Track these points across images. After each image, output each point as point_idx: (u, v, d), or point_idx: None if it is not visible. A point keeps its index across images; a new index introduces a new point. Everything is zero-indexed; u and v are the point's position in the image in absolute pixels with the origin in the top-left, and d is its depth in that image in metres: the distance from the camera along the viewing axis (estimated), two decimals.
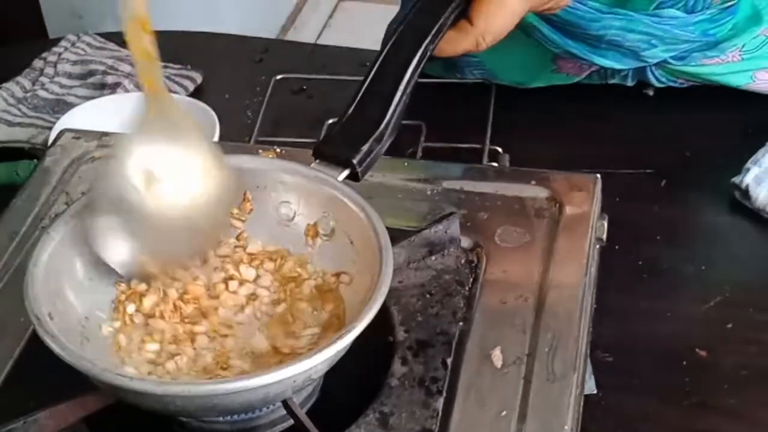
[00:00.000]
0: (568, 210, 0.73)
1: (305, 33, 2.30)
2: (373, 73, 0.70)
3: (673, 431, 0.75)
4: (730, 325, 0.80)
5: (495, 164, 0.90)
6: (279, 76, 1.04)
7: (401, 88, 0.69)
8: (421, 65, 0.70)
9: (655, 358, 0.79)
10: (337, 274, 0.65)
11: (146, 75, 0.60)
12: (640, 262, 0.85)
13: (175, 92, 1.04)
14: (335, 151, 0.67)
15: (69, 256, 0.63)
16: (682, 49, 0.91)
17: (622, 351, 0.79)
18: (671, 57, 0.92)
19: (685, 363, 0.78)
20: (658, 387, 0.77)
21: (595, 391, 0.75)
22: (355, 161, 0.66)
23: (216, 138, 0.93)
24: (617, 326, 0.79)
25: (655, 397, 0.76)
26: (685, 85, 0.98)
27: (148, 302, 0.64)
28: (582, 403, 0.65)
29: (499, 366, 0.64)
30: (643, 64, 0.93)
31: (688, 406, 0.76)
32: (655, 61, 0.92)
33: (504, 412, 0.61)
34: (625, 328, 0.80)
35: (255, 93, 1.05)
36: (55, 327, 0.58)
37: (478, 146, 0.93)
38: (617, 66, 0.92)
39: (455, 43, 0.74)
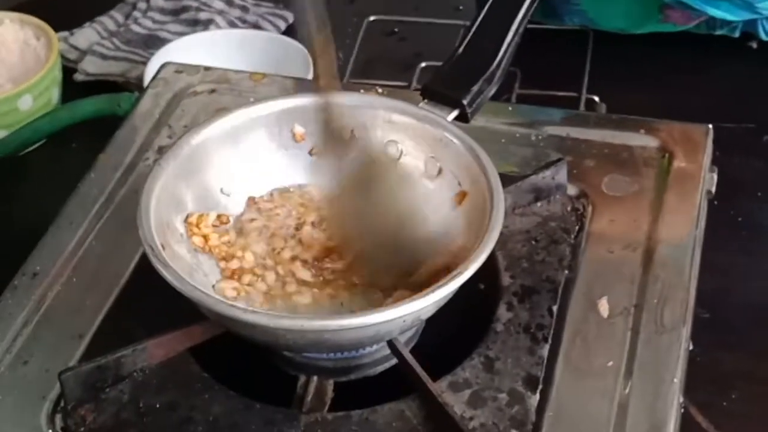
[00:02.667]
0: (679, 161, 0.71)
1: None
2: (484, 12, 0.68)
3: None
4: None
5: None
6: (372, 18, 1.03)
7: (513, 27, 0.67)
8: (534, 4, 0.68)
9: (753, 316, 0.77)
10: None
11: None
12: (739, 218, 0.83)
13: (267, 30, 1.03)
14: (445, 90, 0.66)
15: (179, 188, 0.63)
16: None
17: (719, 307, 0.77)
18: None
19: None
20: (755, 344, 0.75)
21: (691, 348, 0.74)
22: (465, 102, 0.65)
23: (310, 77, 0.93)
24: (714, 282, 0.77)
25: (752, 355, 0.75)
26: None
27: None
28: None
29: (605, 316, 0.63)
30: (756, 16, 0.90)
31: None
32: None
33: (611, 363, 0.60)
34: (723, 285, 0.78)
35: (346, 34, 1.04)
36: (167, 257, 0.58)
37: (574, 95, 0.91)
38: (729, 17, 0.89)
39: None
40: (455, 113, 0.65)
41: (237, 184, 0.65)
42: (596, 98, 0.91)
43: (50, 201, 0.74)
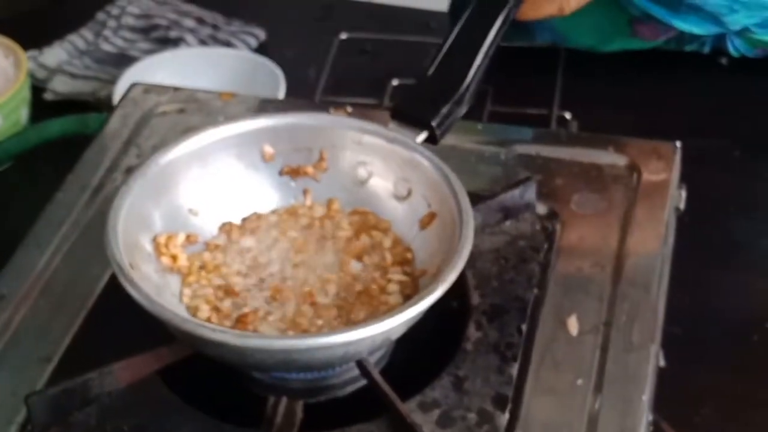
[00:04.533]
0: (647, 178, 0.71)
1: None
2: (454, 34, 0.69)
3: (742, 406, 0.74)
4: None
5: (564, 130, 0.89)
6: (343, 36, 1.03)
7: (483, 50, 0.67)
8: (504, 28, 0.68)
9: (725, 331, 0.78)
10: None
11: None
12: (711, 234, 0.84)
13: (238, 48, 1.03)
14: (413, 112, 0.66)
15: (147, 208, 0.62)
16: (765, 17, 0.88)
17: (692, 324, 0.77)
18: (753, 24, 0.90)
19: (756, 338, 0.77)
20: (727, 360, 0.76)
21: (663, 364, 0.74)
22: (434, 124, 0.65)
23: (282, 95, 0.93)
24: (688, 299, 0.77)
25: (724, 371, 0.75)
26: (760, 56, 0.96)
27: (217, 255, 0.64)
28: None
29: (575, 334, 0.63)
30: (723, 31, 0.91)
31: (759, 381, 0.75)
32: (737, 27, 0.90)
33: (580, 381, 0.60)
34: (696, 301, 0.79)
35: (317, 51, 1.04)
36: (135, 277, 0.57)
37: (546, 112, 0.92)
38: (697, 31, 0.90)
39: (538, 7, 0.73)
40: (424, 135, 0.65)
41: (205, 205, 0.65)
42: (568, 115, 0.92)
43: (18, 222, 0.74)
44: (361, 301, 0.61)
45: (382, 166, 0.66)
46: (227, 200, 0.66)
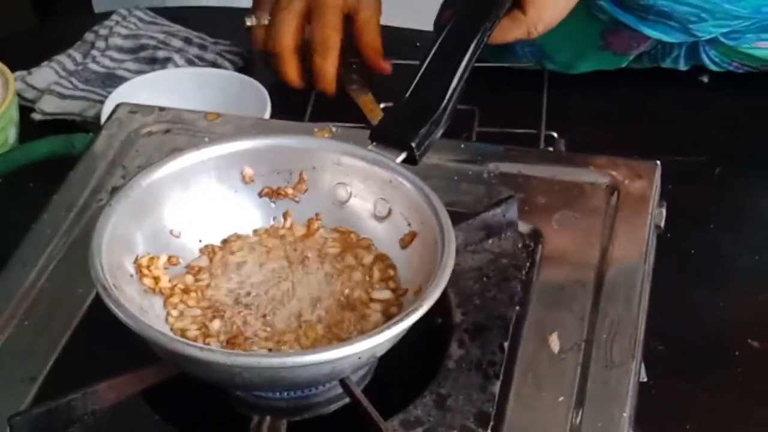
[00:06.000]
0: (627, 196, 0.72)
1: None
2: (430, 56, 0.70)
3: (725, 422, 0.74)
4: None
5: (551, 149, 0.89)
6: None
7: (459, 71, 0.68)
8: (479, 49, 0.70)
9: (707, 348, 0.79)
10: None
11: None
12: (692, 251, 0.84)
13: (224, 68, 1.04)
14: (393, 133, 0.67)
15: (130, 229, 0.63)
16: (733, 26, 0.89)
17: (673, 340, 0.78)
18: (722, 35, 0.90)
19: (737, 353, 0.78)
20: (709, 377, 0.76)
21: (645, 380, 0.75)
22: (413, 144, 0.66)
23: (267, 115, 0.93)
24: (669, 314, 0.78)
25: (706, 387, 0.76)
26: (740, 70, 0.97)
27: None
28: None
29: (556, 351, 0.63)
30: (692, 39, 0.92)
31: (740, 396, 0.75)
32: (706, 36, 0.91)
33: (561, 398, 0.61)
34: (677, 317, 0.79)
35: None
36: (121, 298, 0.58)
37: (533, 131, 0.92)
38: (665, 39, 0.91)
39: (507, 31, 0.75)
40: (403, 155, 0.66)
41: (187, 226, 0.66)
42: (555, 134, 0.92)
43: (4, 242, 0.74)
44: (346, 319, 0.62)
45: (362, 187, 0.66)
46: (208, 222, 0.66)
